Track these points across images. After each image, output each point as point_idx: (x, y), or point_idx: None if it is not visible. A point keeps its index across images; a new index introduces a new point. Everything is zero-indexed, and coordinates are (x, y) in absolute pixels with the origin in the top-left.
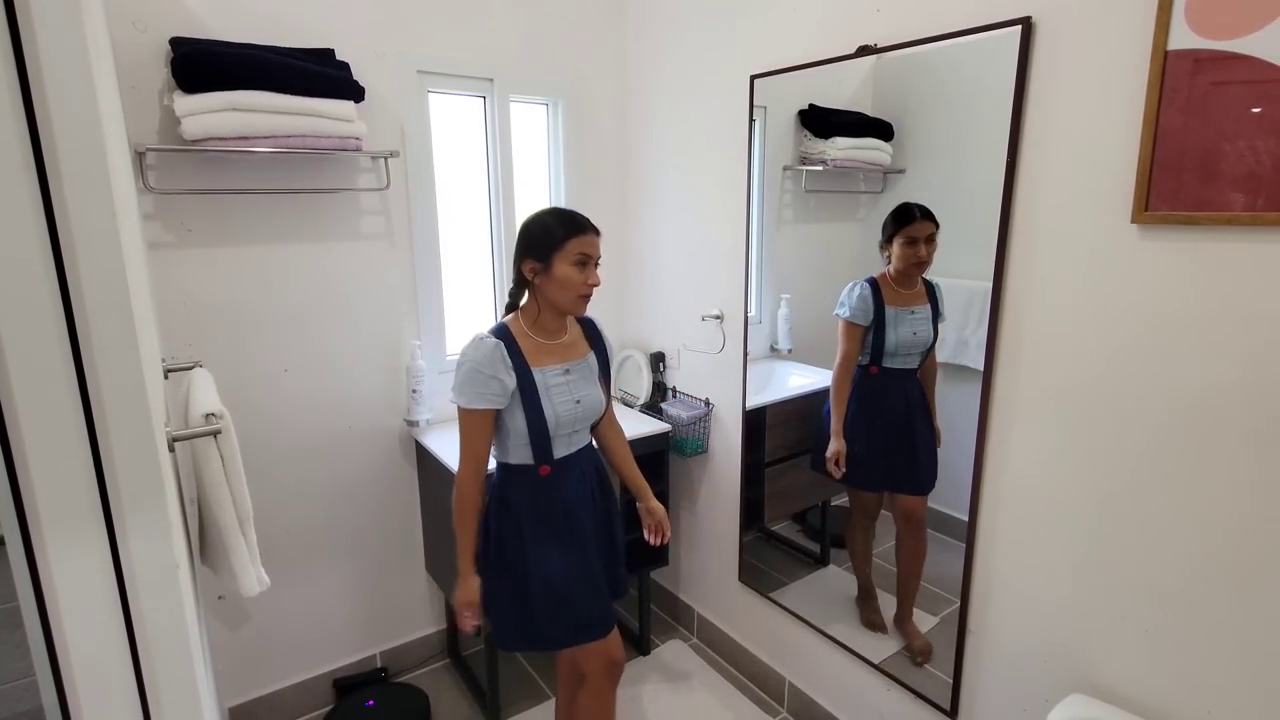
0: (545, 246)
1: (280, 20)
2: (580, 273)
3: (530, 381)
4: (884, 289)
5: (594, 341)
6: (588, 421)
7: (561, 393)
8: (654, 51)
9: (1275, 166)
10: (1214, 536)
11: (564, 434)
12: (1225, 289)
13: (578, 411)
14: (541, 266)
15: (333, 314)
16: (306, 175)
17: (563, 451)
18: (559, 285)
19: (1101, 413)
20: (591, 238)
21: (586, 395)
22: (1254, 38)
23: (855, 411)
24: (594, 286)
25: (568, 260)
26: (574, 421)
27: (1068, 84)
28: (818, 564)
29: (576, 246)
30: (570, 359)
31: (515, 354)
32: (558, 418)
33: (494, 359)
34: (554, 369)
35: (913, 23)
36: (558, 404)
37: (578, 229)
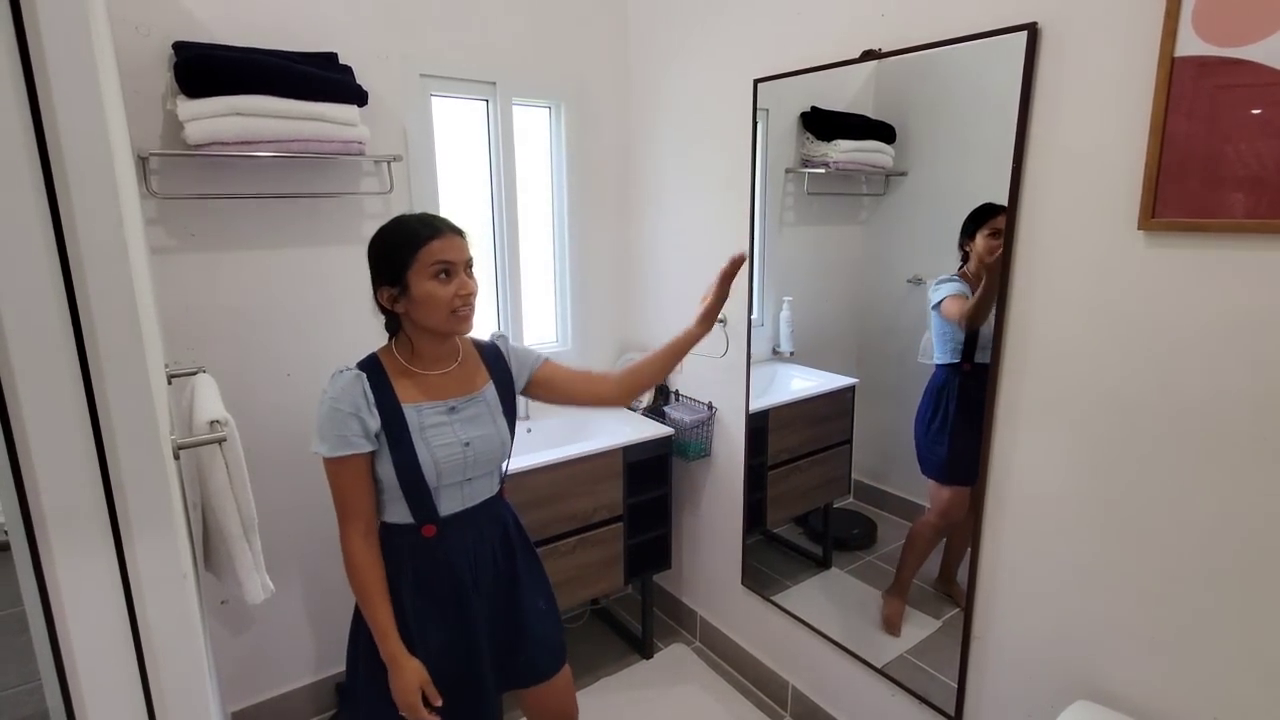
0: (395, 267)
1: (283, 24)
2: (445, 285)
3: (398, 420)
4: (971, 284)
5: (495, 368)
6: (489, 466)
7: (442, 434)
8: (656, 54)
9: (1272, 173)
10: (1220, 544)
11: (451, 484)
12: (1232, 296)
13: (467, 456)
14: (398, 291)
15: (336, 318)
16: (309, 179)
17: (453, 506)
18: (424, 307)
19: (1107, 419)
20: (449, 240)
21: (481, 436)
22: (1262, 44)
23: (956, 409)
24: (470, 297)
25: (425, 275)
26: (465, 468)
27: (1074, 90)
28: (820, 566)
29: (431, 255)
30: (459, 394)
31: (382, 388)
32: (438, 464)
33: (353, 393)
34: (433, 406)
35: (917, 28)
36: (437, 448)
37: (429, 234)
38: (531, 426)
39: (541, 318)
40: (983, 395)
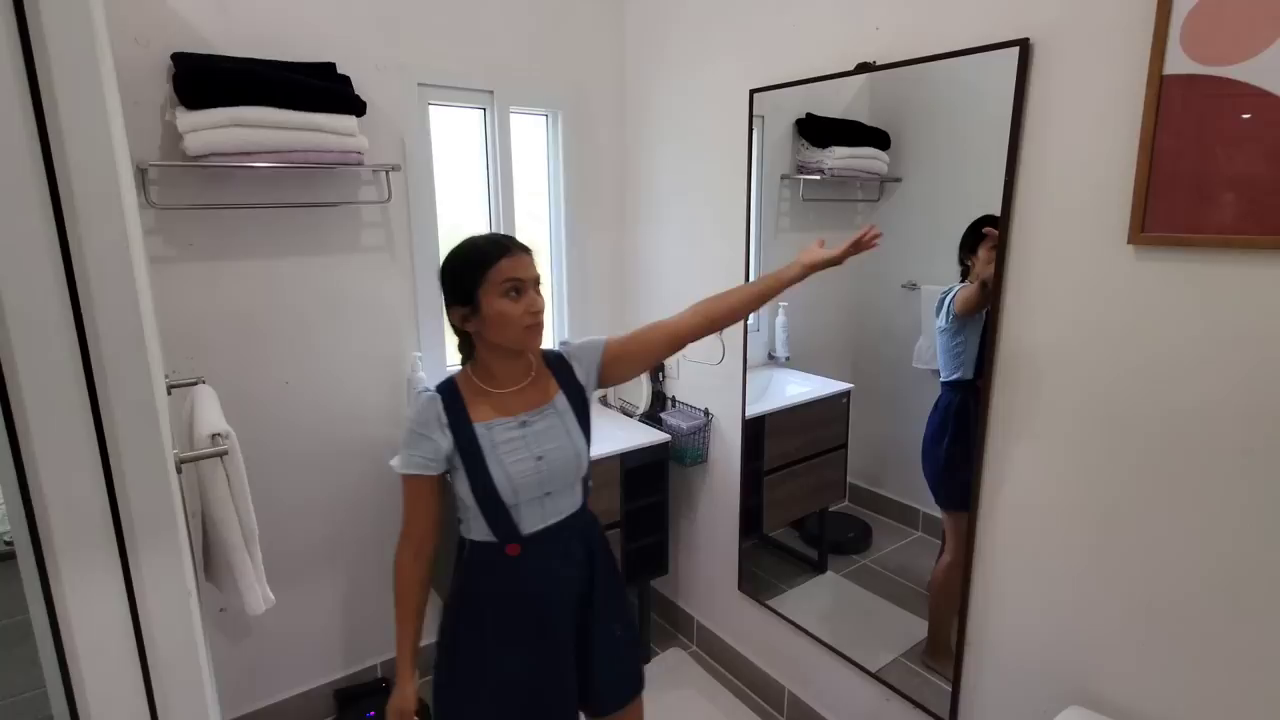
0: (466, 286)
1: (281, 35)
2: (515, 302)
3: (470, 439)
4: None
5: (563, 377)
6: (566, 480)
7: (515, 449)
8: (653, 63)
9: (1268, 191)
10: (1211, 552)
11: (530, 499)
12: (1219, 310)
13: (542, 470)
14: (470, 310)
15: (334, 327)
16: (308, 189)
17: (535, 524)
18: (496, 325)
19: (1098, 430)
20: (517, 258)
21: (555, 448)
22: (1249, 64)
23: (957, 429)
24: (539, 313)
25: (495, 293)
26: (541, 483)
27: (1065, 105)
28: (815, 570)
29: (500, 274)
30: (530, 407)
31: (456, 409)
32: (513, 481)
33: (427, 416)
34: (505, 422)
35: (911, 41)
36: (511, 465)
37: (497, 253)
38: None
39: None
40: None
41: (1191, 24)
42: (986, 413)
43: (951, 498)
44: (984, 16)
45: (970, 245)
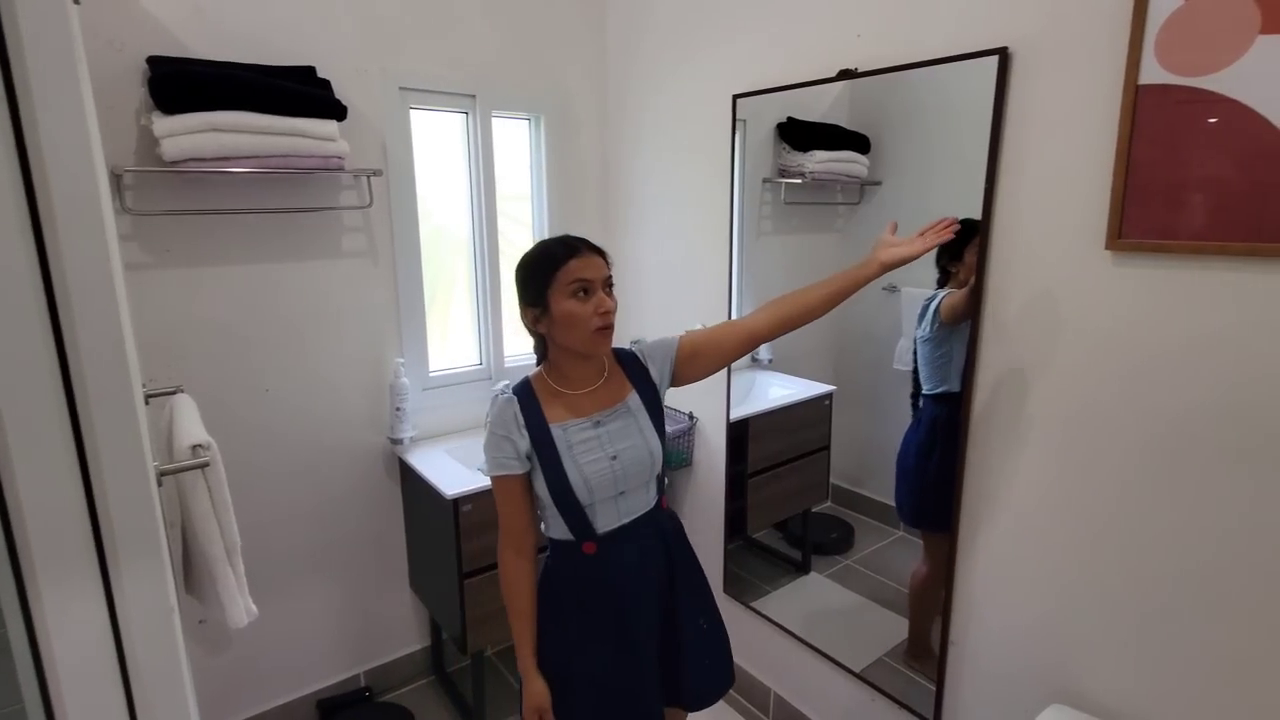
0: (536, 288)
1: (259, 39)
2: (584, 303)
3: (547, 440)
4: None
5: (635, 376)
6: (641, 479)
7: (589, 449)
8: (636, 69)
9: (1239, 198)
10: (1190, 553)
11: (606, 499)
12: (1195, 315)
13: (616, 470)
14: (540, 312)
15: (314, 333)
16: (288, 195)
17: (611, 522)
18: (565, 326)
19: (1079, 432)
20: (586, 259)
21: (629, 447)
22: (1220, 75)
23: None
24: (609, 314)
25: (564, 294)
26: (615, 482)
27: (1044, 113)
28: (799, 571)
29: (569, 275)
30: (604, 407)
31: (531, 410)
32: (587, 481)
33: (506, 417)
34: (579, 423)
35: (892, 49)
36: (585, 464)
37: (567, 254)
38: None
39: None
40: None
41: (1165, 35)
42: (969, 414)
43: (934, 519)
44: (964, 25)
45: (954, 250)
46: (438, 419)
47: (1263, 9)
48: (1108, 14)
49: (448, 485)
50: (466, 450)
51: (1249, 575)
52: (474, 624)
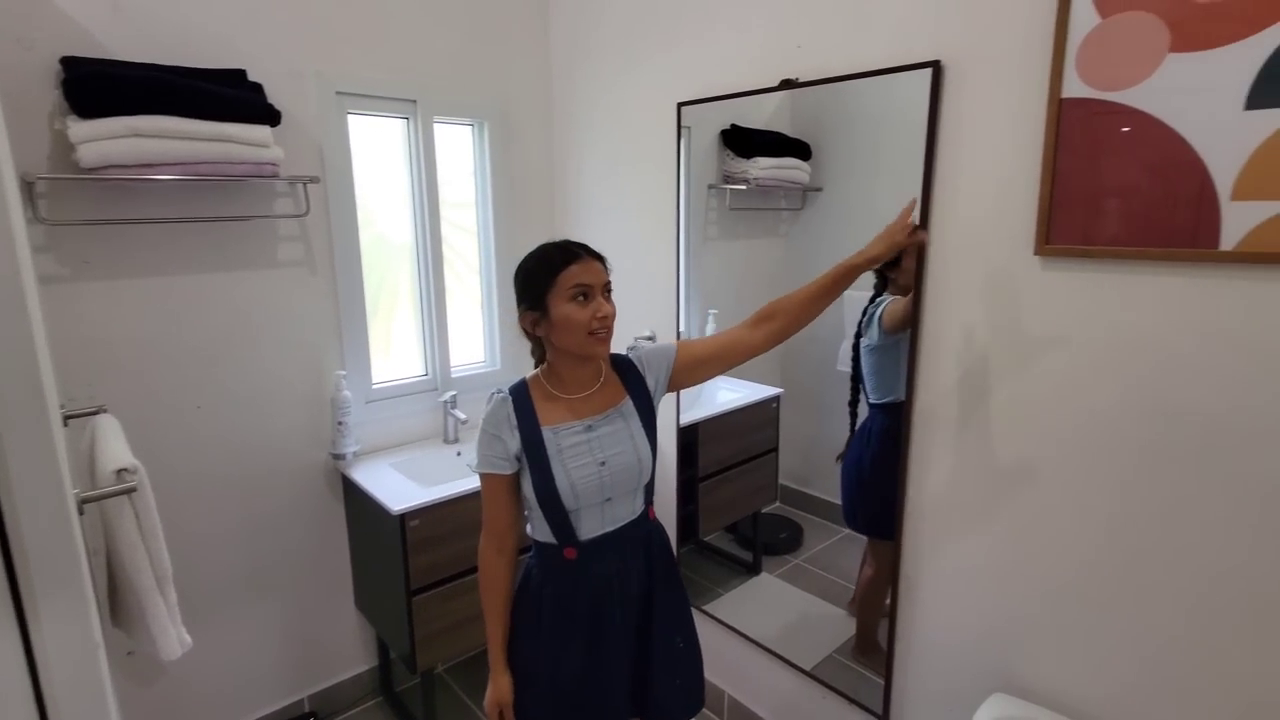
0: (536, 291)
1: (186, 40)
2: (582, 307)
3: (537, 442)
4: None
5: (631, 383)
6: (628, 486)
7: (578, 454)
8: (581, 75)
9: (1154, 206)
10: (1115, 542)
11: (591, 505)
12: (1117, 316)
13: (603, 476)
14: (539, 315)
15: (249, 345)
16: (218, 202)
17: (594, 529)
18: (562, 329)
19: (1014, 431)
20: (587, 264)
21: (618, 453)
22: (1135, 90)
23: (895, 456)
24: (607, 319)
25: (563, 297)
26: (601, 489)
27: (976, 123)
28: (750, 572)
29: (569, 279)
30: (597, 412)
31: (525, 411)
32: (574, 486)
33: (499, 417)
34: (571, 427)
35: (832, 60)
36: (574, 469)
37: (566, 259)
38: (460, 450)
39: (470, 337)
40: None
41: (1084, 52)
42: (909, 415)
43: (885, 527)
44: (899, 39)
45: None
46: (382, 432)
47: (1172, 29)
48: (1032, 31)
49: (394, 500)
50: (413, 464)
51: (1173, 562)
52: (423, 642)
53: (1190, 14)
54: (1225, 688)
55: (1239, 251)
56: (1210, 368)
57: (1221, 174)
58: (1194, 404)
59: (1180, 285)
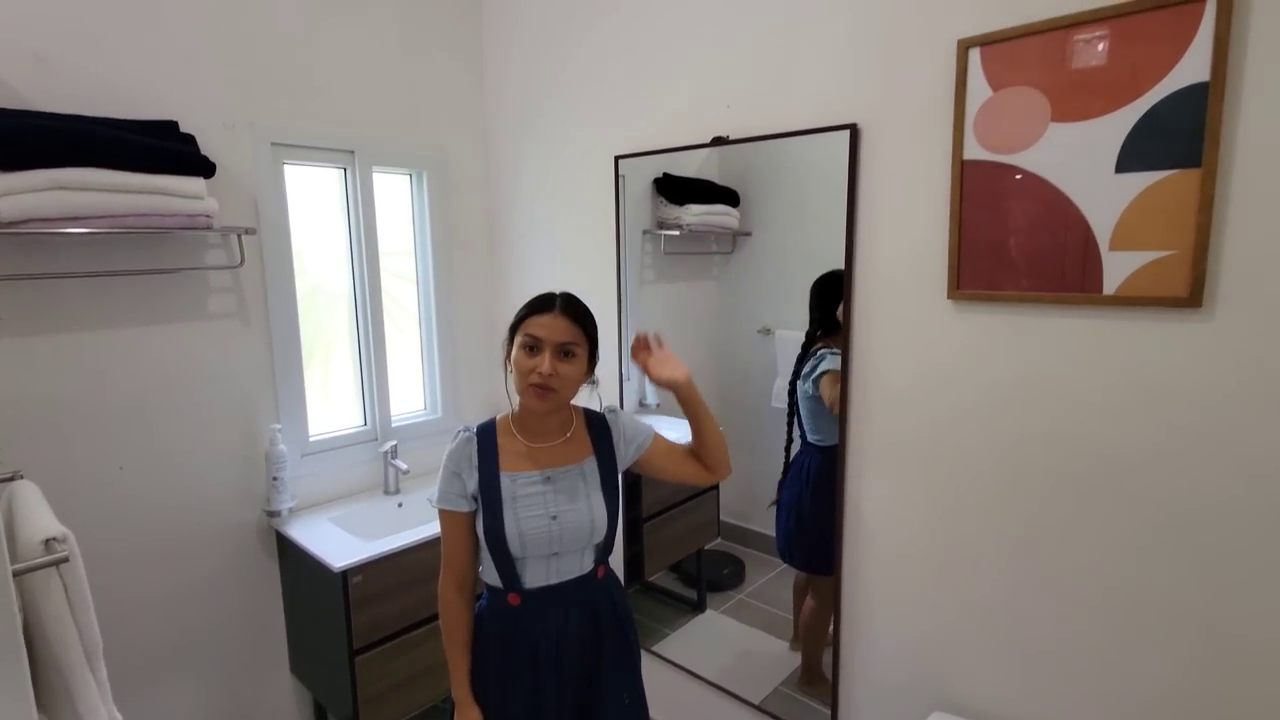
0: (510, 333)
1: (113, 90)
2: (528, 358)
3: (493, 485)
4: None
5: (599, 442)
6: (578, 544)
7: (531, 505)
8: (518, 127)
9: (1047, 255)
10: (1027, 563)
11: (537, 556)
12: (1022, 354)
13: (553, 530)
14: (507, 354)
15: (177, 401)
16: (145, 255)
17: (539, 579)
18: (514, 374)
19: (937, 462)
20: (548, 319)
21: (571, 510)
22: (1025, 153)
23: (818, 491)
24: (543, 377)
25: (518, 345)
26: (550, 542)
27: (891, 180)
28: (695, 610)
29: (527, 327)
30: (558, 464)
31: (487, 453)
32: (522, 535)
33: (461, 455)
34: (529, 475)
35: (758, 120)
36: (524, 518)
37: (537, 309)
38: (402, 501)
39: (410, 387)
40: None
41: (980, 120)
42: (844, 450)
43: (821, 562)
44: (820, 103)
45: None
46: (320, 486)
47: (1052, 103)
48: (936, 100)
49: (335, 557)
50: (353, 517)
51: (1085, 580)
52: (368, 703)
53: (1066, 90)
54: (1134, 695)
55: (1119, 295)
56: (1102, 400)
57: (1101, 227)
58: (1090, 433)
59: (1073, 325)
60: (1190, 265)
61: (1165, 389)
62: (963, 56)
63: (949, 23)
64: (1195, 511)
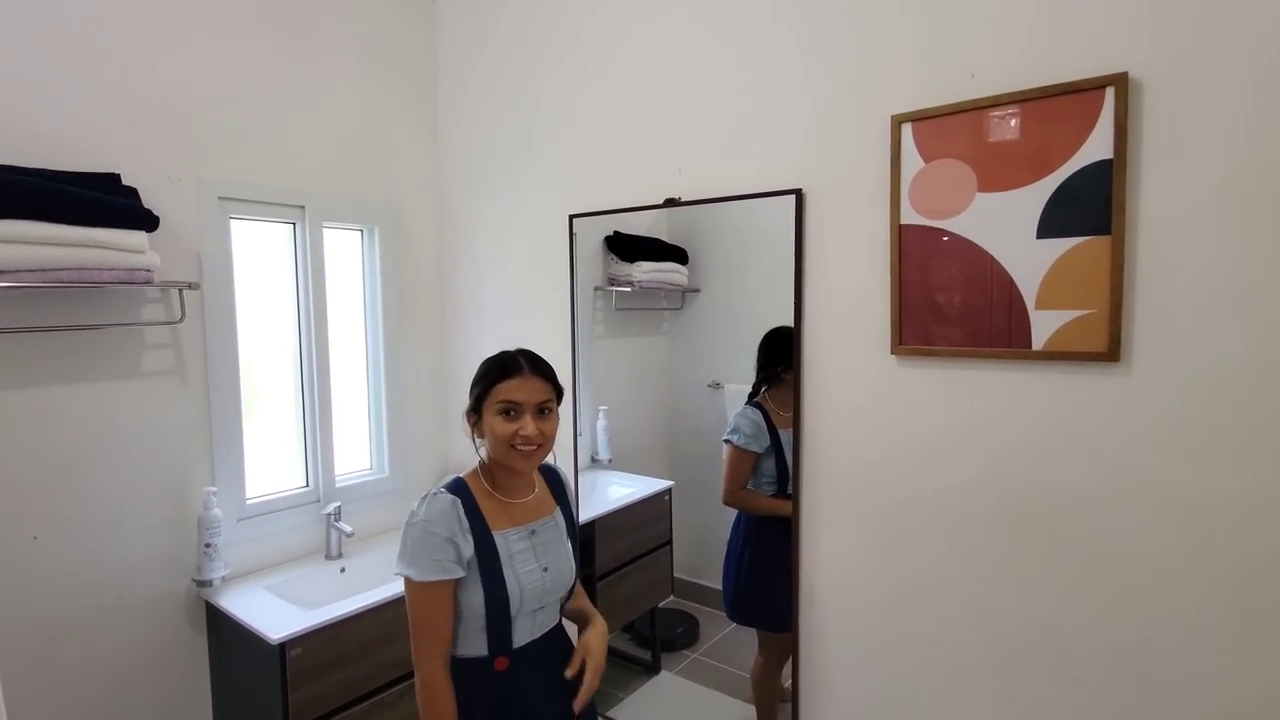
0: (477, 395)
1: (50, 141)
2: (508, 423)
3: (490, 547)
4: (770, 412)
5: (559, 495)
6: (556, 593)
7: (526, 560)
8: (472, 185)
9: (979, 313)
10: (980, 607)
11: (528, 612)
12: (961, 406)
13: (545, 582)
14: (477, 418)
15: (104, 464)
16: (77, 310)
17: (524, 637)
18: (490, 439)
19: (887, 512)
20: (523, 381)
21: (556, 560)
22: (957, 219)
23: (757, 543)
24: (528, 439)
25: (493, 410)
26: (541, 594)
27: (835, 242)
28: (650, 672)
29: (499, 394)
30: (536, 518)
31: (474, 514)
32: (523, 591)
33: (450, 519)
34: (517, 531)
35: (709, 184)
36: (523, 574)
37: (505, 372)
38: (345, 566)
39: (355, 445)
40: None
41: (915, 188)
42: (798, 505)
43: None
44: (766, 169)
45: (777, 354)
46: (257, 552)
47: (978, 174)
48: (874, 168)
49: (271, 628)
50: (292, 585)
51: (1027, 619)
52: None
53: (990, 163)
54: None
55: (1046, 351)
56: (1036, 449)
57: (1026, 288)
58: (1026, 480)
59: (1006, 379)
60: (1108, 322)
61: (1090, 437)
62: (896, 130)
63: (883, 99)
64: (1121, 553)
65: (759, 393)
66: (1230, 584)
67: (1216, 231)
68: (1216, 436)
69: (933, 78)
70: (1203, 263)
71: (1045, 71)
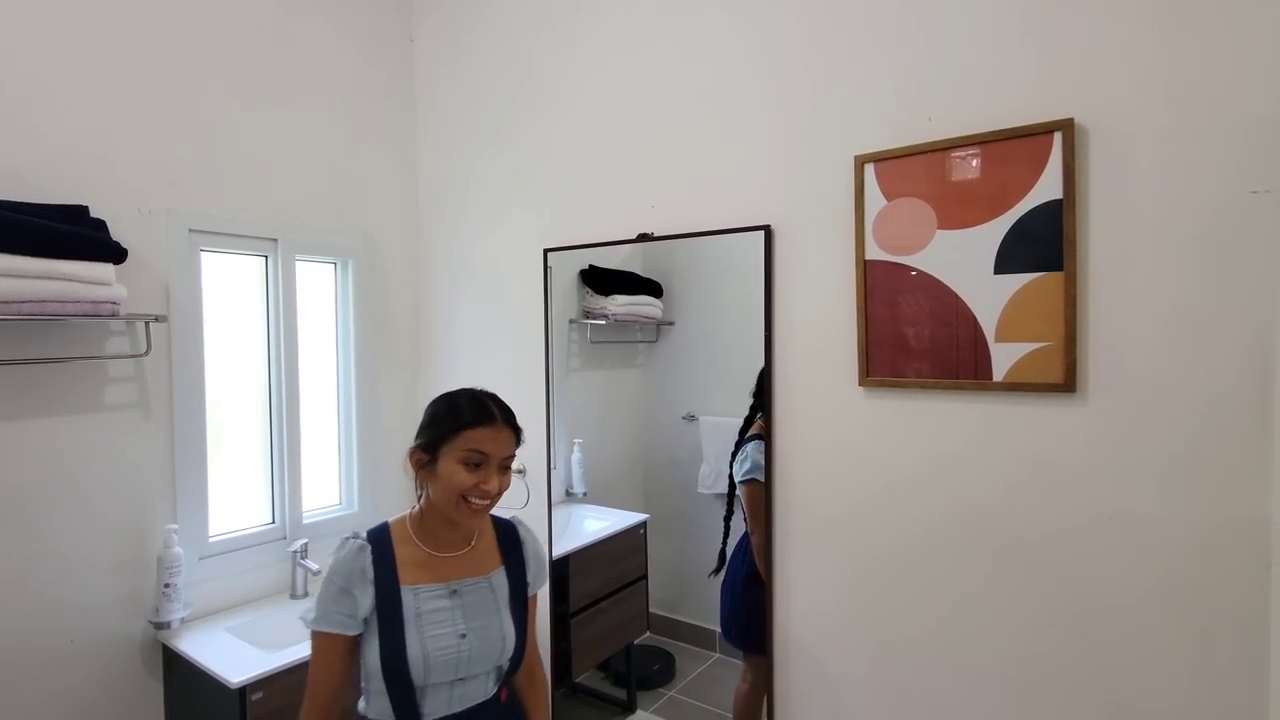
0: (434, 435)
1: (17, 173)
2: (471, 474)
3: (393, 602)
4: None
5: (510, 554)
6: (485, 664)
7: (438, 622)
8: (448, 218)
9: (942, 345)
10: (947, 634)
11: (440, 683)
12: (927, 437)
13: (462, 650)
14: (428, 458)
15: (60, 500)
16: (37, 342)
17: (439, 709)
18: (442, 486)
19: (858, 541)
20: (495, 432)
21: (481, 626)
22: (918, 255)
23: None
24: (489, 494)
25: (455, 456)
26: (457, 666)
27: (804, 276)
28: (625, 711)
29: (469, 441)
30: (464, 575)
31: (384, 564)
32: (427, 658)
33: (352, 568)
34: (433, 589)
35: (681, 219)
36: (430, 637)
37: (477, 419)
38: None
39: (324, 480)
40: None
41: (878, 225)
42: (770, 534)
43: (757, 641)
44: (737, 204)
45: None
46: (218, 591)
47: (938, 212)
48: (839, 205)
49: (232, 672)
50: (255, 626)
51: (995, 647)
52: None
53: (949, 202)
54: None
55: (1006, 382)
56: (1000, 476)
57: (986, 322)
58: (990, 508)
59: (969, 409)
60: (1064, 354)
61: (1051, 465)
62: (860, 170)
63: (847, 140)
64: (1084, 580)
65: (754, 421)
66: (1185, 609)
67: (1161, 268)
68: (1169, 464)
69: (893, 120)
70: (1149, 297)
71: (999, 116)
